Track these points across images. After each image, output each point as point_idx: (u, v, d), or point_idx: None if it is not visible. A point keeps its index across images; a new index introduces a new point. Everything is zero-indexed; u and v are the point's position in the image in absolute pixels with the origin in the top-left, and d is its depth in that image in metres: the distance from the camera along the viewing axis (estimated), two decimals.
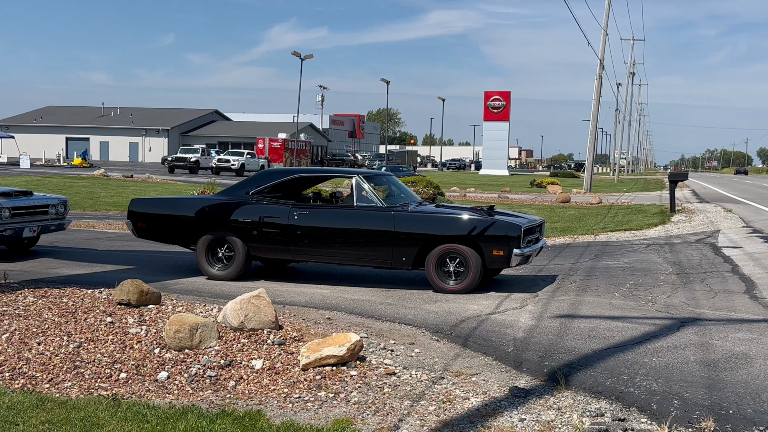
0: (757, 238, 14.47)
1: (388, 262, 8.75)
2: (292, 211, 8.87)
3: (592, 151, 35.74)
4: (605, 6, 33.16)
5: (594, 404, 4.54)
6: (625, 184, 53.01)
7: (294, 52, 52.75)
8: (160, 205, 9.81)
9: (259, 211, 8.96)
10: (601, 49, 33.35)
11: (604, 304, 7.64)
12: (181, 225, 9.30)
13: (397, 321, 6.89)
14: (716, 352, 5.64)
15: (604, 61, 33.69)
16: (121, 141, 79.99)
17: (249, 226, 8.91)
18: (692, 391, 4.69)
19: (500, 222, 8.59)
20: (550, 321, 6.85)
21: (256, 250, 8.98)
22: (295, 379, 5.02)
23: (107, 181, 30.52)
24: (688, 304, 7.58)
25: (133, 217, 9.59)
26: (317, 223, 8.82)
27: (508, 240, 8.41)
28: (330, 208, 9.26)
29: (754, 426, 4.10)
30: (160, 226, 9.48)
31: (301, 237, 8.81)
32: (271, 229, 8.87)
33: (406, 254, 8.60)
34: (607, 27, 33.13)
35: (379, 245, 8.67)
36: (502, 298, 8.01)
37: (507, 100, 74.60)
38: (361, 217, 8.78)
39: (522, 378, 5.14)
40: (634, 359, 5.47)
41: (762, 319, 6.85)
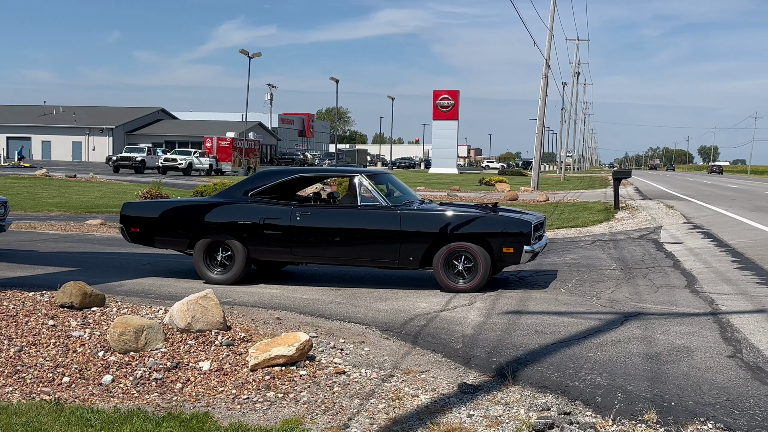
0: (698, 233, 14.88)
1: (395, 262, 8.58)
2: (294, 212, 8.64)
3: (539, 150, 36.27)
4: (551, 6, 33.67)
5: (541, 399, 4.60)
6: (571, 181, 53.92)
7: (242, 50, 52.21)
8: (155, 208, 9.39)
9: (259, 213, 8.70)
10: (547, 49, 33.86)
11: (550, 300, 7.76)
12: (177, 229, 8.99)
13: (347, 320, 6.89)
14: (658, 346, 5.77)
15: (549, 60, 34.22)
16: (63, 140, 78.17)
17: (249, 229, 8.65)
18: (635, 384, 4.80)
19: (510, 219, 8.60)
20: (498, 317, 6.92)
21: (257, 252, 8.73)
22: (244, 380, 4.98)
23: (49, 181, 29.79)
24: (631, 299, 7.74)
25: (127, 221, 9.19)
26: (321, 224, 8.62)
27: (518, 237, 8.38)
28: (333, 208, 9.11)
29: (695, 417, 4.20)
30: (156, 230, 9.10)
31: (304, 238, 8.61)
32: (273, 231, 8.63)
33: (413, 253, 8.44)
34: (552, 27, 33.65)
35: (386, 245, 8.50)
36: (451, 295, 8.06)
37: (456, 99, 75.18)
38: (367, 217, 8.59)
39: (471, 374, 5.18)
40: (580, 354, 5.56)
41: (702, 312, 7.04)
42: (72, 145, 78.36)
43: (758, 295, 7.84)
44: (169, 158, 46.93)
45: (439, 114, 75.15)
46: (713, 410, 4.30)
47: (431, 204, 9.51)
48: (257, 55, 53.71)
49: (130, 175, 42.71)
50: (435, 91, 76.06)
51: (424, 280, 9.15)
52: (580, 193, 32.82)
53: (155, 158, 47.98)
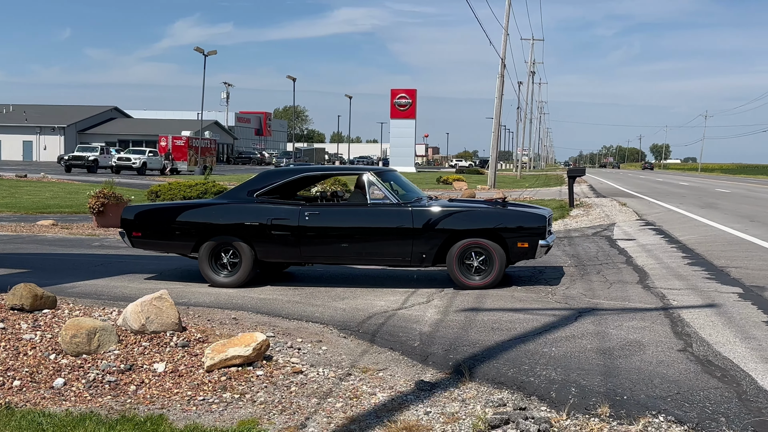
0: (650, 230, 15.17)
1: (407, 260, 8.49)
2: (303, 212, 8.48)
3: (495, 148, 36.57)
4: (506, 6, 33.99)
5: (497, 395, 4.65)
6: (527, 179, 54.53)
7: (197, 48, 51.66)
8: (157, 212, 9.12)
9: (266, 214, 8.51)
10: (503, 49, 34.16)
11: (506, 297, 7.83)
12: (181, 232, 8.72)
13: (305, 319, 6.86)
14: (611, 341, 5.87)
15: (505, 60, 34.52)
16: (13, 139, 76.43)
17: (256, 230, 8.46)
18: (589, 379, 4.87)
19: (526, 213, 8.62)
20: (456, 315, 6.97)
21: (265, 254, 8.53)
22: (200, 382, 4.93)
23: None
24: (585, 295, 7.86)
25: (128, 225, 8.90)
26: (330, 223, 8.49)
27: (533, 231, 8.39)
28: (343, 206, 8.94)
29: (647, 411, 4.29)
30: (159, 234, 8.85)
31: (314, 238, 8.46)
32: (281, 232, 8.45)
33: (426, 251, 8.36)
34: (507, 27, 33.96)
35: (398, 243, 8.40)
36: (409, 293, 8.09)
37: (413, 98, 75.38)
38: (378, 215, 8.48)
39: (428, 372, 5.21)
40: (535, 349, 5.63)
41: (654, 307, 7.18)
42: (22, 144, 76.65)
43: (708, 290, 8.02)
44: (123, 157, 46.25)
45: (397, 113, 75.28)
46: (664, 403, 4.39)
47: (440, 201, 9.47)
48: (213, 53, 53.18)
49: (83, 174, 41.95)
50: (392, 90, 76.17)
51: (383, 279, 9.17)
52: (536, 191, 33.21)
53: (108, 157, 47.21)
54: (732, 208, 21.56)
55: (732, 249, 11.51)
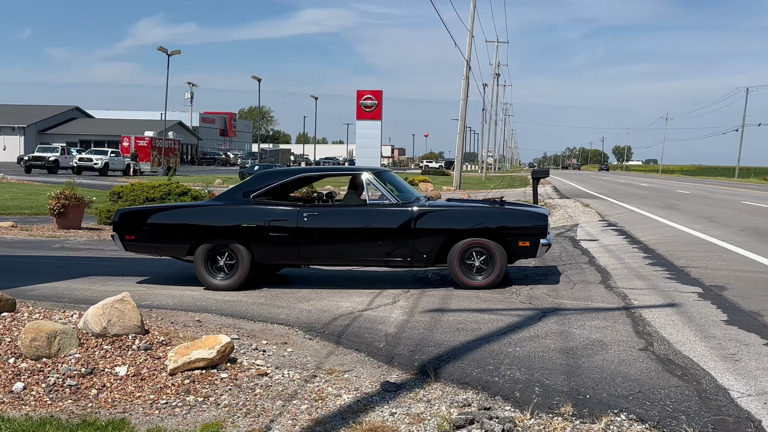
0: (612, 231, 15.38)
1: (407, 261, 8.43)
2: (302, 213, 8.37)
3: (461, 149, 36.77)
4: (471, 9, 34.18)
5: (462, 395, 4.67)
6: (492, 181, 54.91)
7: (160, 48, 51.06)
8: (151, 214, 8.85)
9: (264, 215, 8.39)
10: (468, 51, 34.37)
11: (471, 297, 7.87)
12: (177, 235, 8.53)
13: (270, 321, 6.83)
14: (575, 340, 5.94)
15: (470, 62, 34.73)
16: None
17: (254, 232, 8.34)
18: (553, 378, 4.92)
19: (527, 212, 8.67)
20: (421, 315, 6.98)
21: (263, 256, 8.42)
22: (163, 385, 4.87)
23: None
24: (549, 295, 7.94)
25: (121, 228, 8.68)
26: (330, 224, 8.41)
27: (535, 230, 8.43)
28: (342, 207, 8.81)
29: (609, 409, 4.34)
30: (154, 237, 8.65)
31: (313, 240, 8.37)
32: (279, 234, 8.33)
33: (427, 251, 8.32)
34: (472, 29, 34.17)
35: (399, 243, 8.33)
36: (374, 294, 8.09)
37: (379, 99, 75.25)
38: (379, 215, 8.42)
39: (393, 373, 5.21)
40: (500, 349, 5.67)
41: (616, 307, 7.28)
42: None
43: (668, 290, 8.15)
44: (84, 158, 45.51)
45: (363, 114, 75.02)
46: (626, 402, 4.45)
47: (438, 201, 9.38)
48: (176, 53, 52.65)
49: (43, 175, 41.22)
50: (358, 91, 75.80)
51: (348, 280, 9.16)
52: (502, 192, 33.45)
53: (70, 158, 46.43)
54: (692, 209, 21.95)
55: (692, 249, 11.72)
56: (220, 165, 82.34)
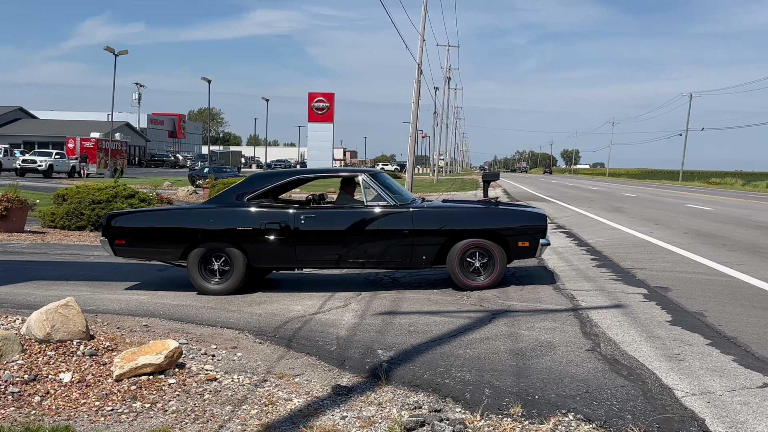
0: (561, 233, 15.61)
1: (406, 262, 8.39)
2: (299, 215, 8.25)
3: (412, 153, 36.90)
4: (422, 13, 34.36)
5: (413, 397, 4.68)
6: (443, 183, 55.28)
7: (107, 48, 50.11)
8: (142, 218, 8.71)
9: (260, 218, 8.24)
10: (419, 54, 34.52)
11: (423, 300, 7.90)
12: (169, 239, 8.32)
13: (219, 325, 6.75)
14: (524, 342, 6.01)
15: (422, 65, 34.89)
16: None
17: (249, 235, 8.19)
18: (502, 380, 4.97)
19: (527, 213, 8.74)
20: (373, 318, 6.98)
21: (257, 259, 8.27)
22: (109, 391, 4.77)
23: None
24: (499, 297, 8.01)
25: (111, 233, 8.41)
26: (327, 227, 8.32)
27: (535, 230, 8.49)
28: (339, 209, 8.63)
29: (557, 409, 4.40)
30: (145, 241, 8.42)
31: (310, 242, 8.26)
32: (276, 236, 8.20)
33: (426, 252, 8.28)
34: (424, 33, 34.34)
35: (398, 244, 8.27)
36: (326, 297, 8.06)
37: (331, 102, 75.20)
38: (377, 217, 8.33)
39: (345, 376, 5.20)
40: (450, 351, 5.70)
41: (564, 308, 7.38)
42: None
43: (615, 291, 8.31)
44: (27, 159, 44.38)
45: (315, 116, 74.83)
46: (574, 402, 4.52)
47: (435, 202, 9.37)
48: (123, 53, 51.72)
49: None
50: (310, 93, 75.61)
51: (300, 283, 9.11)
52: (452, 195, 33.66)
53: (13, 159, 45.22)
54: (638, 211, 22.43)
55: (637, 251, 11.96)
56: (168, 167, 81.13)
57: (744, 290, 8.36)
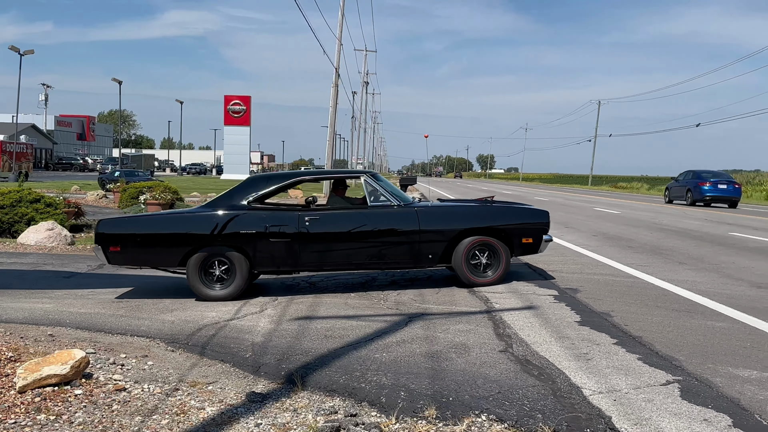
0: None
1: (412, 262, 8.47)
2: (303, 218, 8.17)
3: (331, 157, 36.85)
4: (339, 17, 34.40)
5: (328, 402, 4.66)
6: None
7: (12, 47, 48.10)
8: (138, 224, 8.34)
9: (263, 221, 8.10)
10: (336, 59, 34.54)
11: (340, 304, 7.89)
12: (167, 245, 8.06)
13: (130, 333, 6.56)
14: (439, 344, 6.08)
15: (339, 70, 34.92)
16: None
17: (252, 238, 8.04)
18: (417, 382, 5.01)
19: (530, 210, 8.97)
20: (289, 323, 6.93)
21: (261, 264, 8.16)
22: (11, 404, 4.56)
23: None
24: (415, 301, 8.08)
25: (104, 240, 8.07)
26: (333, 229, 8.28)
27: (538, 227, 8.77)
28: (344, 210, 8.62)
29: (470, 411, 4.47)
30: (141, 248, 8.09)
31: (315, 245, 8.18)
32: (280, 239, 8.10)
33: (433, 251, 8.35)
34: (341, 37, 34.39)
35: (404, 244, 8.31)
36: (241, 303, 7.94)
37: (247, 105, 74.44)
38: (383, 217, 8.38)
39: (260, 383, 5.13)
40: (367, 355, 5.71)
41: (478, 311, 7.51)
42: None
43: (527, 293, 8.50)
44: None
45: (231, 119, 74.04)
46: (487, 403, 4.60)
47: (435, 202, 9.48)
48: (29, 53, 49.76)
49: None
50: (226, 96, 74.85)
51: None
52: None
53: None
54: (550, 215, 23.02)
55: (549, 254, 12.28)
56: (77, 170, 78.45)
57: (648, 291, 8.70)
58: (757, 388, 4.88)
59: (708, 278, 9.76)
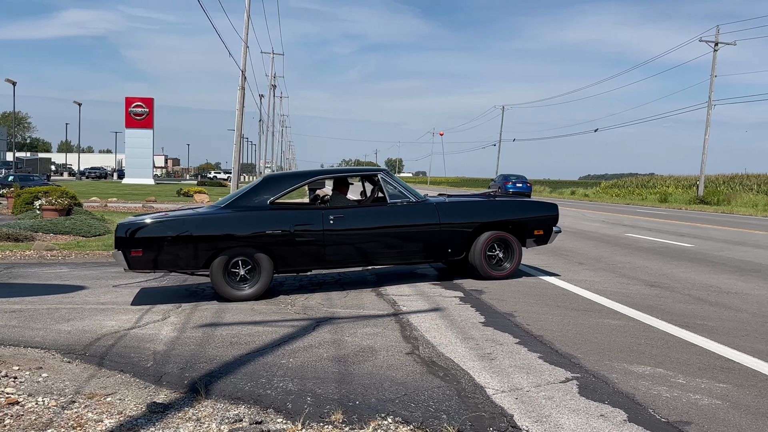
0: None
1: (432, 256, 8.78)
2: (327, 216, 8.31)
3: (238, 160, 36.29)
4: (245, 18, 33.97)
5: (233, 410, 4.58)
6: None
7: None
8: (163, 226, 8.05)
9: (289, 220, 8.21)
10: (243, 61, 34.08)
11: (246, 310, 7.78)
12: (194, 247, 7.96)
13: (23, 344, 6.25)
14: (347, 348, 6.07)
15: (246, 72, 34.47)
16: None
17: (278, 238, 8.15)
18: (324, 387, 4.99)
19: (541, 203, 9.44)
20: (193, 331, 6.78)
21: (286, 263, 8.26)
22: None
23: None
24: (323, 305, 8.05)
25: (125, 244, 7.84)
26: (357, 226, 8.47)
27: (550, 219, 9.32)
28: (366, 208, 8.83)
29: (377, 414, 4.48)
30: (166, 251, 7.92)
31: (340, 242, 8.35)
32: (306, 238, 8.25)
33: (452, 245, 8.58)
34: (247, 39, 33.95)
35: (426, 239, 8.52)
36: (143, 311, 7.72)
37: (150, 107, 72.57)
38: (404, 214, 8.62)
39: (161, 393, 4.99)
40: (273, 361, 5.65)
41: (386, 314, 7.55)
42: None
43: (433, 295, 8.61)
44: None
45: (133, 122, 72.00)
46: (393, 405, 4.62)
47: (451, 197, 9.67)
48: None
49: None
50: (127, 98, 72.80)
51: (114, 295, 8.65)
52: None
53: None
54: None
55: None
56: None
57: (550, 291, 8.97)
58: (650, 383, 5.11)
59: (605, 278, 10.15)
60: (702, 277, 10.43)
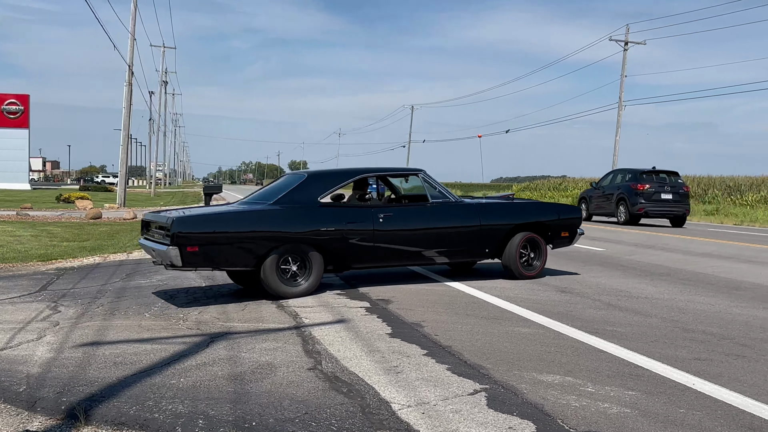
0: None
1: (471, 255, 9.56)
2: (377, 214, 8.81)
3: (125, 163, 35.31)
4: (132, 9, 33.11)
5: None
6: (162, 197, 53.60)
7: None
8: (219, 222, 8.44)
9: (342, 218, 8.70)
10: (130, 55, 33.21)
11: (133, 327, 7.57)
12: (251, 244, 8.31)
13: None
14: (244, 365, 5.99)
15: (134, 67, 33.60)
16: None
17: (331, 236, 8.62)
18: (218, 408, 4.90)
19: (567, 206, 10.11)
20: (72, 351, 6.53)
21: (336, 260, 8.75)
22: None
23: None
24: (219, 319, 7.92)
25: (182, 240, 7.97)
26: (406, 225, 9.05)
27: (575, 221, 10.14)
28: (412, 207, 9.44)
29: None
30: (223, 248, 8.23)
31: (390, 241, 8.88)
32: (357, 236, 8.77)
33: (490, 245, 9.42)
34: (134, 31, 33.11)
35: (467, 239, 9.25)
36: (15, 330, 7.39)
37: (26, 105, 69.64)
38: (447, 213, 9.26)
39: (36, 419, 4.79)
40: (162, 382, 5.51)
41: (287, 327, 7.50)
42: None
43: (338, 306, 8.61)
44: None
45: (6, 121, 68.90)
46: (293, 425, 4.59)
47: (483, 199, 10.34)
48: None
49: None
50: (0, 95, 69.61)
51: None
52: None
53: None
54: None
55: None
56: None
57: (459, 299, 9.12)
58: (559, 392, 5.26)
59: (516, 284, 10.39)
60: (612, 281, 10.83)
